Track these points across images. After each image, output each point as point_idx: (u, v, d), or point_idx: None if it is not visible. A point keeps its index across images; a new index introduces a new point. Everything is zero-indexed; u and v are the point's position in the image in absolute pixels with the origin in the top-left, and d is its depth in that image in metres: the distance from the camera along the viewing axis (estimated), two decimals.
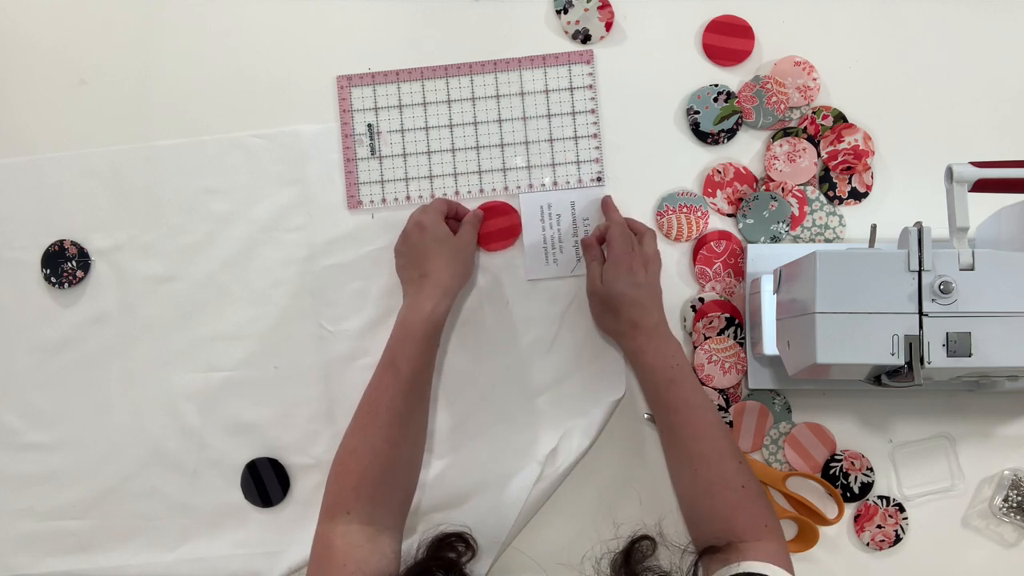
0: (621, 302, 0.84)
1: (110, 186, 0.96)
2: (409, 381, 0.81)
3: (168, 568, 0.94)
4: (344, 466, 0.79)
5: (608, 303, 0.85)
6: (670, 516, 0.87)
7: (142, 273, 0.96)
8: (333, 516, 0.77)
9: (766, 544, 0.75)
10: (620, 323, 0.85)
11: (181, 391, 0.95)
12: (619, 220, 0.89)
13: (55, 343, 0.96)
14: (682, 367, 0.82)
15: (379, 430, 0.79)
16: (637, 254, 0.85)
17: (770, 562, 0.72)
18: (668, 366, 0.82)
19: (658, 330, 0.84)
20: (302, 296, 0.95)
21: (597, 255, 0.88)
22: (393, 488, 0.79)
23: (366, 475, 0.78)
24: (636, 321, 0.83)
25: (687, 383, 0.82)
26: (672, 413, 0.82)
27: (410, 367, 0.81)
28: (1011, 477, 0.90)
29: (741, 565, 0.72)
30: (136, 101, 0.97)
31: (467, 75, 0.95)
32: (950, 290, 0.69)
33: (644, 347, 0.83)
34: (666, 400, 0.82)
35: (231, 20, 0.97)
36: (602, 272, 0.86)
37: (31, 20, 0.98)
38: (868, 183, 0.93)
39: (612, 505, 0.90)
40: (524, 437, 0.92)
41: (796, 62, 0.93)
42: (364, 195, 0.95)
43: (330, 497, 0.79)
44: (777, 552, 0.75)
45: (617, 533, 0.85)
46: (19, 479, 0.96)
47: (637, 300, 0.83)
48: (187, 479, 0.94)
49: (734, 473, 0.79)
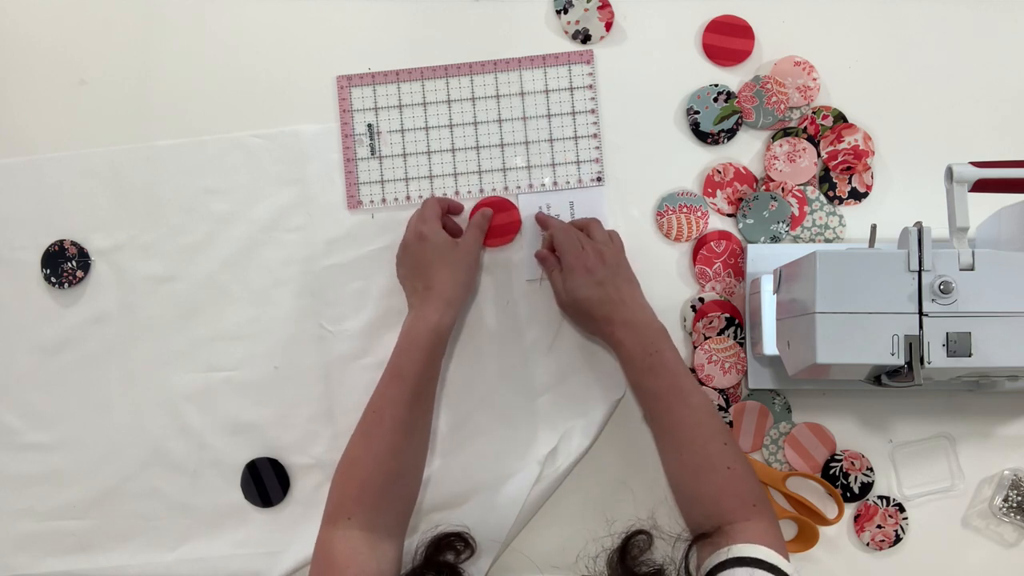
0: (589, 305, 0.84)
1: (110, 186, 0.96)
2: (414, 391, 0.81)
3: (168, 568, 0.94)
4: (347, 473, 0.80)
5: (578, 309, 0.85)
6: (663, 506, 0.87)
7: (142, 273, 0.96)
8: (335, 522, 0.77)
9: (755, 523, 0.76)
10: (595, 323, 0.85)
11: (181, 391, 0.95)
12: (558, 224, 0.89)
13: (55, 343, 0.96)
14: (661, 353, 0.82)
15: (383, 439, 0.80)
16: (588, 251, 0.84)
17: (759, 542, 0.73)
18: (647, 354, 0.82)
19: (634, 319, 0.83)
20: (302, 296, 0.95)
21: (554, 264, 0.87)
22: (395, 496, 0.80)
23: (369, 483, 0.78)
24: (609, 316, 0.83)
25: (667, 369, 0.81)
26: (654, 400, 0.82)
27: (415, 378, 0.81)
28: (1011, 477, 0.90)
29: (731, 550, 0.72)
30: (136, 101, 0.97)
31: (467, 75, 0.95)
32: (950, 290, 0.69)
33: (621, 339, 0.83)
34: (648, 388, 0.82)
35: (231, 20, 0.97)
36: (562, 282, 0.85)
37: (31, 20, 0.98)
38: (868, 183, 0.93)
39: (604, 502, 0.90)
40: (524, 437, 0.92)
41: (796, 62, 0.93)
42: (364, 195, 0.95)
43: (333, 503, 0.79)
44: (766, 531, 0.75)
45: (611, 530, 0.85)
46: (19, 479, 0.96)
47: (603, 298, 0.83)
48: (187, 479, 0.94)
49: (719, 455, 0.79)
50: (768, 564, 0.71)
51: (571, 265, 0.84)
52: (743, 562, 0.71)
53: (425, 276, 0.84)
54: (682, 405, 0.80)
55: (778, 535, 0.76)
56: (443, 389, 0.93)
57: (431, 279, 0.84)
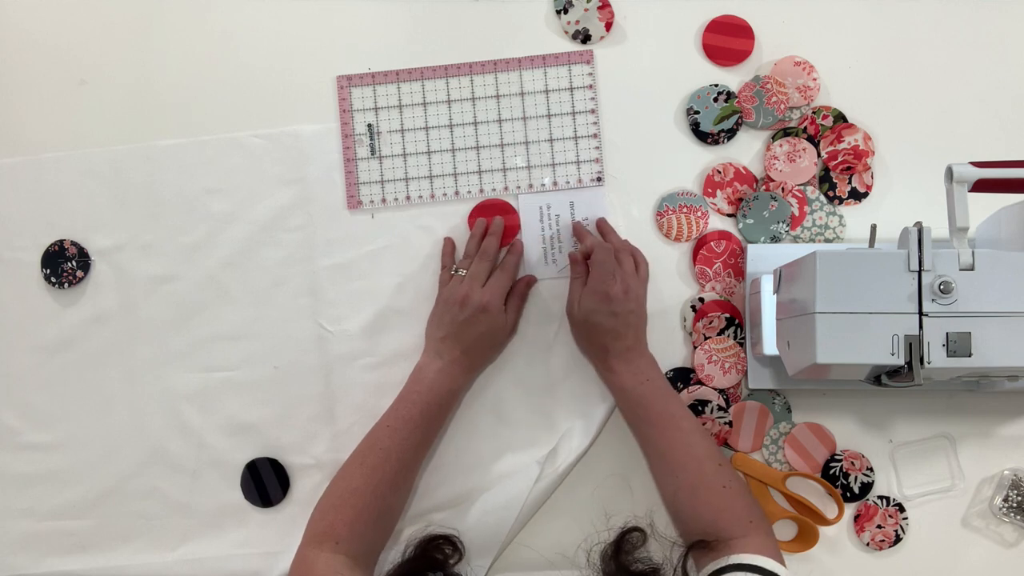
0: (594, 331, 0.85)
1: (110, 186, 0.96)
2: (423, 439, 0.85)
3: (168, 568, 0.94)
4: (344, 500, 0.81)
5: (582, 328, 0.86)
6: (661, 509, 0.87)
7: (142, 273, 0.96)
8: (321, 544, 0.79)
9: (753, 539, 0.77)
10: (592, 347, 0.86)
11: (181, 391, 0.95)
12: (604, 244, 0.87)
13: (55, 343, 0.96)
14: (653, 381, 0.84)
15: (386, 476, 0.82)
16: (617, 281, 0.84)
17: (759, 552, 0.74)
18: (640, 382, 0.84)
19: (630, 351, 0.85)
20: (302, 296, 0.95)
21: (581, 273, 0.87)
22: (382, 528, 0.83)
23: (364, 512, 0.80)
24: (607, 347, 0.84)
25: (659, 396, 0.83)
26: (648, 426, 0.83)
27: (428, 426, 0.85)
28: (1011, 477, 0.90)
29: (731, 557, 0.73)
30: (136, 101, 0.97)
31: (467, 75, 0.95)
32: (950, 290, 0.69)
33: (615, 368, 0.85)
34: (640, 415, 0.84)
35: (231, 20, 0.97)
36: (580, 296, 0.85)
37: (31, 20, 0.98)
38: (868, 183, 0.93)
39: (605, 497, 0.91)
40: (524, 437, 0.92)
41: (796, 62, 0.93)
42: (364, 195, 0.95)
43: (323, 524, 0.80)
44: (765, 546, 0.76)
45: (608, 524, 0.85)
46: (19, 479, 0.96)
47: (611, 329, 0.84)
48: (187, 479, 0.94)
49: (714, 475, 0.80)
50: (768, 572, 0.72)
51: (595, 288, 0.84)
52: (743, 567, 0.72)
53: (465, 343, 0.86)
54: (674, 429, 0.82)
55: (775, 548, 0.77)
56: None
57: (471, 347, 0.86)
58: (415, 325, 0.92)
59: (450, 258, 0.92)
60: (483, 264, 0.88)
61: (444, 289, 0.89)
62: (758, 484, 0.90)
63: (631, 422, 0.86)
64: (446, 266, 0.92)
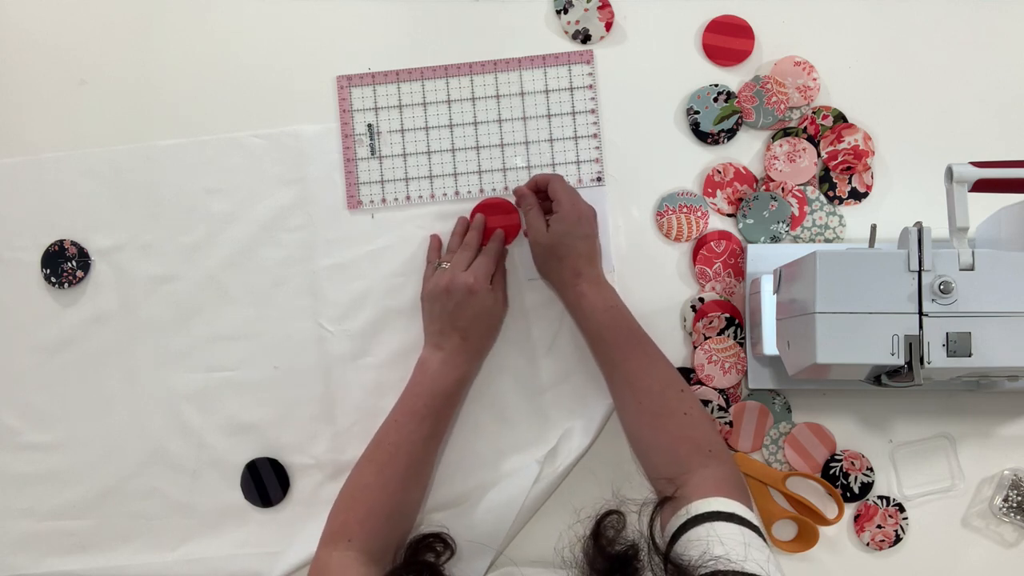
0: (568, 252, 0.85)
1: (110, 186, 0.96)
2: (432, 432, 0.84)
3: (168, 568, 0.94)
4: (356, 498, 0.81)
5: (555, 252, 0.86)
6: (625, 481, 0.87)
7: (142, 273, 0.96)
8: (335, 543, 0.79)
9: (712, 470, 0.76)
10: (564, 271, 0.86)
11: (181, 391, 0.95)
12: (554, 175, 0.90)
13: (55, 343, 0.96)
14: (619, 308, 0.85)
15: (397, 472, 0.82)
16: (583, 207, 0.87)
17: (716, 491, 0.72)
18: (607, 307, 0.85)
19: (597, 277, 0.87)
20: (302, 296, 0.95)
21: (534, 204, 0.88)
22: (396, 526, 0.82)
23: (376, 509, 0.80)
24: (580, 270, 0.85)
25: (625, 322, 0.85)
26: (613, 350, 0.84)
27: (436, 419, 0.84)
28: (1011, 477, 0.90)
29: (688, 509, 0.71)
30: (136, 101, 0.97)
31: (467, 75, 0.95)
32: (950, 290, 0.69)
33: (585, 292, 0.85)
34: (606, 339, 0.84)
35: (231, 20, 0.97)
36: (549, 222, 0.86)
37: (31, 20, 0.98)
38: (868, 183, 0.93)
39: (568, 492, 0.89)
40: (524, 437, 0.92)
41: (796, 62, 0.93)
42: (364, 195, 0.95)
43: (336, 523, 0.80)
44: (723, 477, 0.75)
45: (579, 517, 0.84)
46: (19, 479, 0.96)
47: (583, 251, 0.86)
48: (187, 479, 0.94)
49: (676, 401, 0.80)
50: (726, 514, 0.70)
51: (567, 212, 0.86)
52: (701, 519, 0.70)
53: (462, 328, 0.85)
54: (640, 354, 0.83)
55: (736, 480, 0.76)
56: None
57: (468, 332, 0.86)
58: (415, 325, 0.92)
59: (435, 253, 0.93)
60: (464, 254, 0.88)
61: (427, 282, 0.89)
62: (758, 484, 0.90)
63: (597, 348, 0.86)
64: (431, 261, 0.92)
